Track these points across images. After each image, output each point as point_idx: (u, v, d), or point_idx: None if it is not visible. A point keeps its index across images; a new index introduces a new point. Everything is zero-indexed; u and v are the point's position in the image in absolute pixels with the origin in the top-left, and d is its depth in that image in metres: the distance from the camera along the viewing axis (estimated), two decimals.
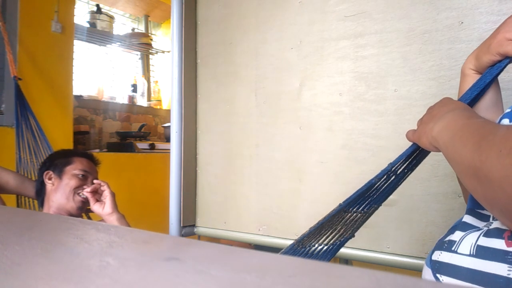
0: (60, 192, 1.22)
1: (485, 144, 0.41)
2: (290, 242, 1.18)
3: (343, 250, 0.79)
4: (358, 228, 0.76)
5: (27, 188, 1.34)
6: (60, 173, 1.25)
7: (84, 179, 1.25)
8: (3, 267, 0.26)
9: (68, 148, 1.54)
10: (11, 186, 1.32)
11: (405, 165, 0.65)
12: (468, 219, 0.53)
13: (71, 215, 1.22)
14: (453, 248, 0.50)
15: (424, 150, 0.62)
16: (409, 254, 1.03)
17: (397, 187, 0.70)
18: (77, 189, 1.23)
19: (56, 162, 1.28)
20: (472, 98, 0.59)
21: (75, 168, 1.25)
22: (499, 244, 0.44)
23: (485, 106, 0.62)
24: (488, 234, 0.47)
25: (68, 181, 1.23)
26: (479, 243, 0.47)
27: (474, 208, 0.53)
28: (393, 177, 0.66)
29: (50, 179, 1.25)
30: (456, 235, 0.51)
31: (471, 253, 0.47)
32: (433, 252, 0.54)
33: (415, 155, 0.64)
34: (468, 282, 0.46)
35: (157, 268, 0.25)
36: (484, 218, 0.51)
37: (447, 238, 0.53)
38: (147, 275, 0.23)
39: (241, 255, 0.27)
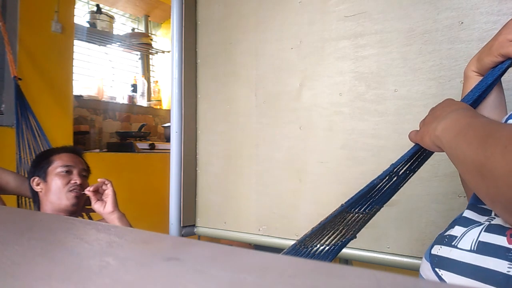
0: (50, 194, 1.21)
1: (490, 141, 0.41)
2: (290, 242, 1.18)
3: (343, 250, 0.79)
4: (360, 229, 0.76)
5: (27, 189, 1.33)
6: (44, 177, 1.23)
7: (69, 174, 1.23)
8: (3, 267, 0.26)
9: (47, 149, 1.51)
10: (11, 187, 1.32)
11: (407, 166, 0.65)
12: (468, 214, 0.53)
13: (69, 214, 1.21)
14: (453, 243, 0.50)
15: (426, 151, 0.61)
16: (409, 254, 1.03)
17: (399, 189, 0.70)
18: (65, 186, 1.21)
19: (39, 166, 1.26)
20: (474, 99, 0.60)
21: (56, 167, 1.23)
22: (501, 241, 0.45)
23: (488, 107, 0.62)
24: (490, 229, 0.47)
25: (54, 181, 1.21)
26: (481, 239, 0.47)
27: (477, 203, 0.53)
28: (395, 178, 0.65)
29: (38, 184, 1.24)
30: (456, 230, 0.52)
31: (472, 248, 0.47)
32: (433, 246, 0.54)
33: (417, 156, 0.63)
34: (468, 277, 0.46)
35: (157, 268, 0.25)
36: (486, 212, 0.51)
37: (447, 233, 0.53)
38: (147, 275, 0.23)
39: (241, 255, 0.27)
